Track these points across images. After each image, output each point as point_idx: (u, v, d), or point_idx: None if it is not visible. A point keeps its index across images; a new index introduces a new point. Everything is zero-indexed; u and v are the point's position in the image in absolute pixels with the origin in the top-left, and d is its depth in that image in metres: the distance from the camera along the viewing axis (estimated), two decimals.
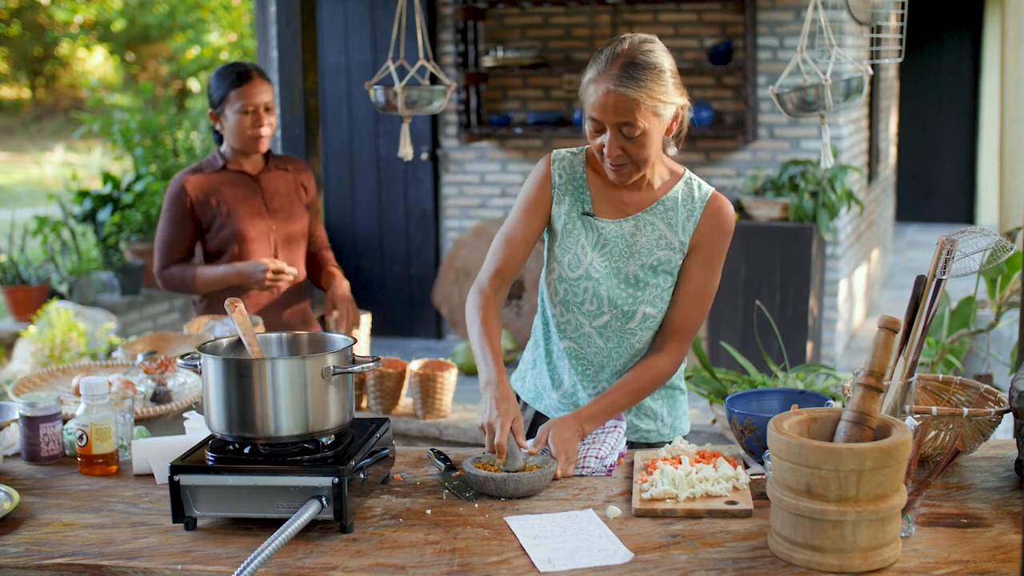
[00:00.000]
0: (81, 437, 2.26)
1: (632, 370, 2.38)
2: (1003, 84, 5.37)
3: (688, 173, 2.44)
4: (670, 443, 2.38)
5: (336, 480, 1.89)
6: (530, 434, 2.51)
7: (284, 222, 3.50)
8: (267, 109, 3.40)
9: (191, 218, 3.43)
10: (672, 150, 2.42)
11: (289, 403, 1.95)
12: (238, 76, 3.36)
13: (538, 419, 2.57)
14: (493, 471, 2.13)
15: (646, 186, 2.40)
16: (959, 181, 12.32)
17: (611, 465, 2.23)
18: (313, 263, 3.71)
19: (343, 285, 3.62)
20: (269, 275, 3.36)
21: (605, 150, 2.27)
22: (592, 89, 2.24)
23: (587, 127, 2.29)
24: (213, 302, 3.55)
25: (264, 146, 3.44)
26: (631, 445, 2.48)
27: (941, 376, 2.42)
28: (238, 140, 3.39)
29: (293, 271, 3.42)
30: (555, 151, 2.46)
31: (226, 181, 3.44)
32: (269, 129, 3.42)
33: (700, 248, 2.36)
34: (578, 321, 2.42)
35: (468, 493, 2.11)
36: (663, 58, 2.27)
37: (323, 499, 1.89)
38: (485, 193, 7.23)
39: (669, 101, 2.26)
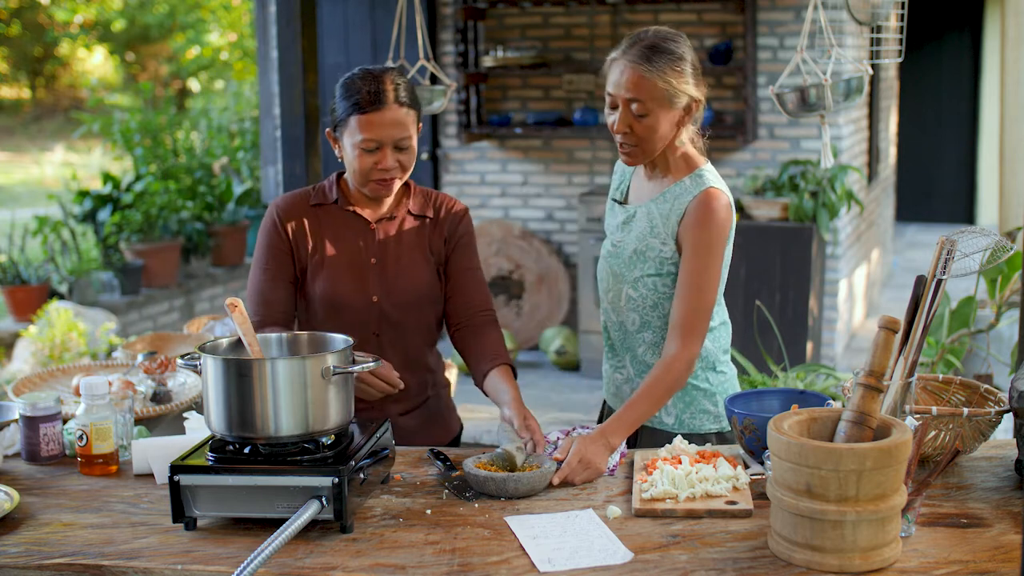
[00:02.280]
0: (81, 437, 2.26)
1: (649, 374, 2.38)
2: (1003, 84, 5.36)
3: (701, 168, 2.45)
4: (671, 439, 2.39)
5: (336, 480, 1.89)
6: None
7: (396, 289, 2.52)
8: (400, 148, 2.43)
9: (290, 258, 2.53)
10: (681, 140, 2.45)
11: (289, 403, 1.95)
12: (364, 99, 2.39)
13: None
14: (493, 471, 2.13)
15: (665, 176, 2.47)
16: (959, 181, 12.32)
17: (613, 465, 2.24)
18: (466, 338, 2.57)
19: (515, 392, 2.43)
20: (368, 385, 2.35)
21: (614, 127, 2.39)
22: (612, 68, 2.39)
23: (606, 105, 2.42)
24: None
25: (390, 192, 2.50)
26: (650, 433, 2.52)
27: (941, 376, 2.43)
28: (355, 180, 2.49)
29: (396, 385, 2.39)
30: None
31: (332, 222, 2.54)
32: (401, 172, 2.46)
33: (685, 240, 2.40)
34: (601, 296, 2.61)
35: (468, 493, 2.11)
36: (684, 49, 2.38)
37: (323, 499, 1.89)
38: (485, 193, 7.22)
39: (682, 89, 2.35)
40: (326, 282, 2.50)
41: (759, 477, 2.12)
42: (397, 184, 2.48)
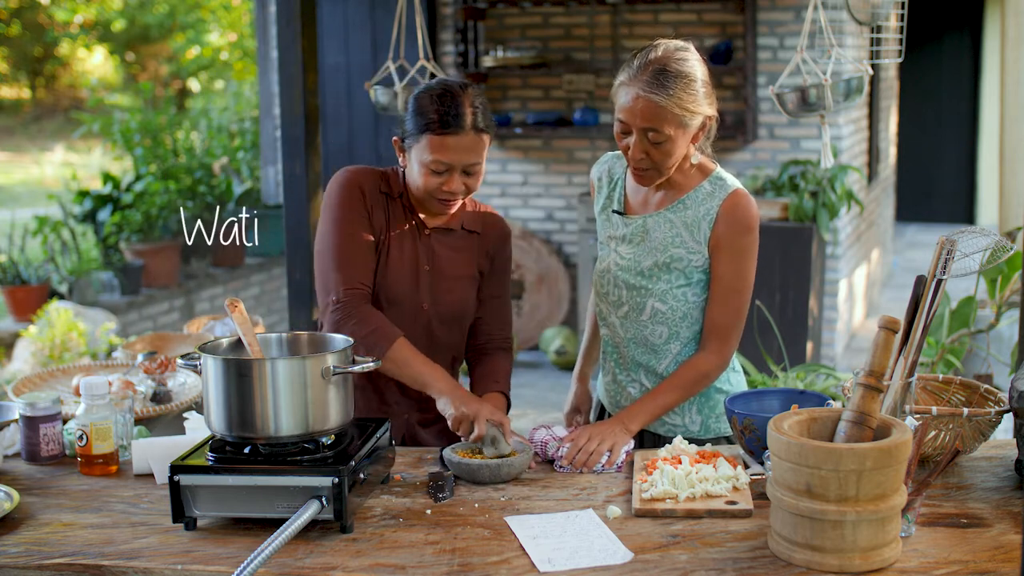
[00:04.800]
0: (81, 437, 2.26)
1: (678, 370, 2.41)
2: (1003, 84, 5.36)
3: (717, 171, 2.43)
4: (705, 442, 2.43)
5: (336, 480, 1.89)
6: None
7: (443, 301, 2.48)
8: (468, 172, 2.35)
9: (370, 226, 2.42)
10: (696, 156, 2.43)
11: (289, 403, 1.95)
12: (441, 119, 2.29)
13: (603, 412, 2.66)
14: (482, 458, 2.15)
15: (674, 184, 2.43)
16: (959, 181, 12.32)
17: (621, 462, 2.24)
18: (477, 359, 2.59)
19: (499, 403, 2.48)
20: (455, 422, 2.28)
21: (630, 152, 2.32)
22: (622, 92, 2.30)
23: (615, 127, 2.34)
24: (384, 394, 2.53)
25: (450, 211, 2.45)
26: (658, 439, 2.50)
27: (941, 376, 2.43)
28: (417, 193, 2.41)
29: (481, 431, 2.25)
30: (602, 156, 2.61)
31: (396, 216, 2.46)
32: (466, 194, 2.41)
33: (721, 246, 2.38)
34: (607, 311, 2.51)
35: (442, 495, 2.09)
36: (696, 67, 2.31)
37: (323, 499, 1.89)
38: (485, 193, 7.22)
39: (697, 111, 2.30)
40: (385, 278, 2.42)
41: (759, 477, 2.12)
42: (458, 204, 2.43)
